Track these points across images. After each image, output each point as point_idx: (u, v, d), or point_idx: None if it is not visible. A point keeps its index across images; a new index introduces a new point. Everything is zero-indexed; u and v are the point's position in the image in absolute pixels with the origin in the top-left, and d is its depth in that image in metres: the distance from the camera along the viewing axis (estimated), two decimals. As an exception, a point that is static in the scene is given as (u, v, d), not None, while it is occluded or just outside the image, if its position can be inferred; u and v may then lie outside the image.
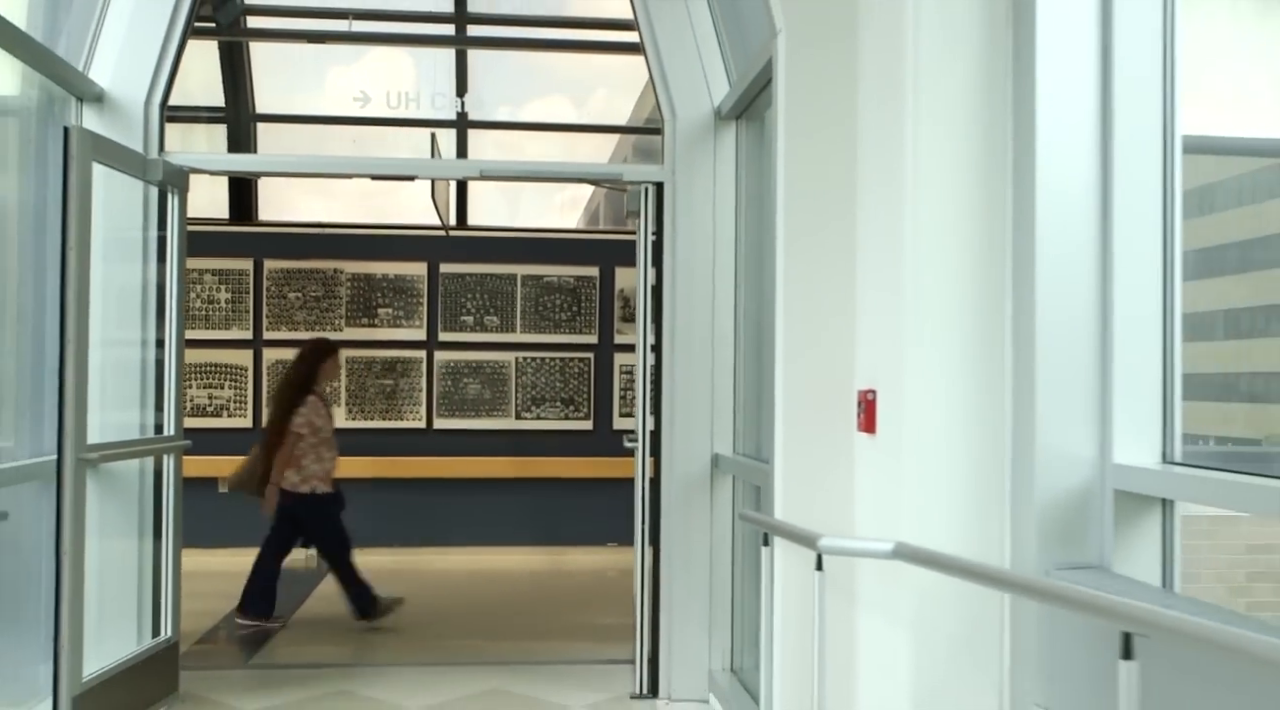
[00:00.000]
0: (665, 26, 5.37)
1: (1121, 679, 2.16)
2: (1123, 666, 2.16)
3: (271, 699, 5.24)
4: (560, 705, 5.22)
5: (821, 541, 3.44)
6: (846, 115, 4.06)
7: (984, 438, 3.55)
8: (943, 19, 3.57)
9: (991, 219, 3.53)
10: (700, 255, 5.36)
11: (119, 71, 5.11)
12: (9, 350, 4.88)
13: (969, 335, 3.55)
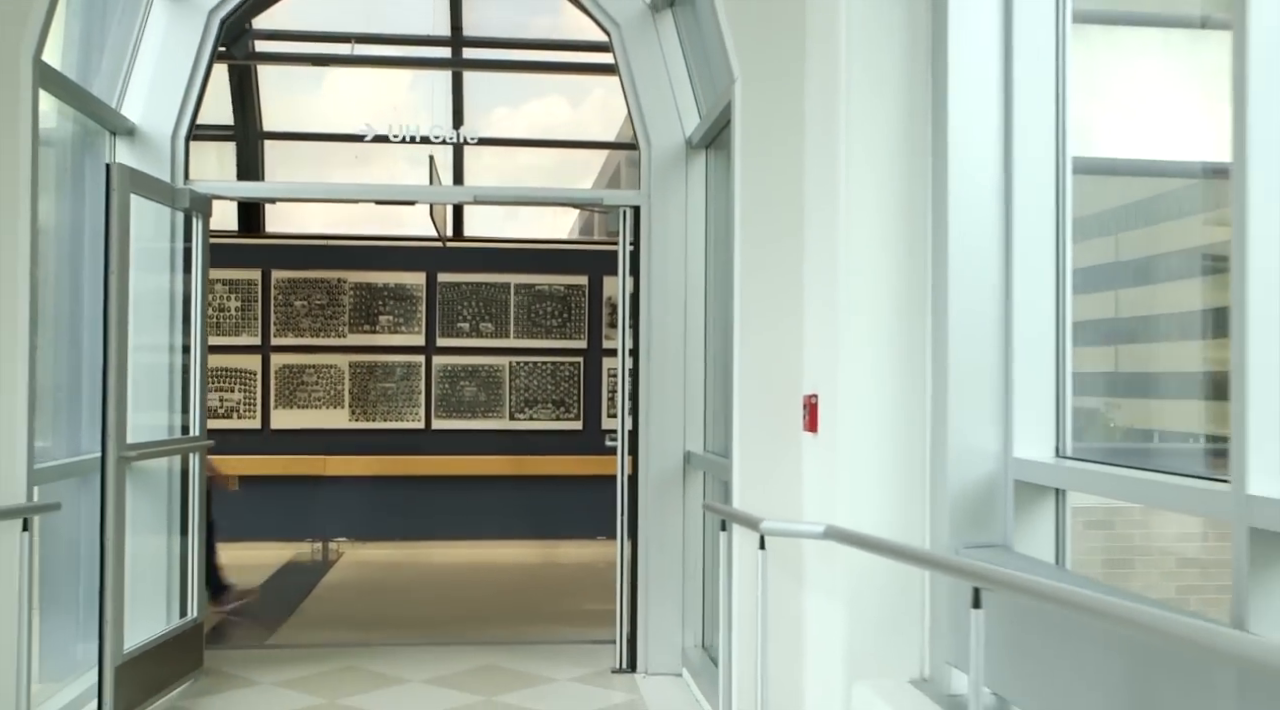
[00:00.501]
0: (641, 65, 5.96)
1: (972, 624, 2.76)
2: (973, 614, 2.75)
3: (287, 674, 5.83)
4: (548, 678, 5.81)
5: (763, 524, 4.03)
6: (795, 151, 4.66)
7: (907, 436, 4.14)
8: (870, 69, 4.16)
9: (913, 243, 4.12)
10: (673, 270, 5.95)
11: (148, 107, 5.70)
12: (48, 358, 5.45)
13: (894, 346, 4.14)
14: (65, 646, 5.42)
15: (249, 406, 9.77)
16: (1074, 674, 3.03)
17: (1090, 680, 2.94)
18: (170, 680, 5.41)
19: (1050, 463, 3.87)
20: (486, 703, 5.36)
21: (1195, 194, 3.97)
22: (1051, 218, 3.93)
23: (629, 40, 5.95)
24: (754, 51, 4.76)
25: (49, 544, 5.37)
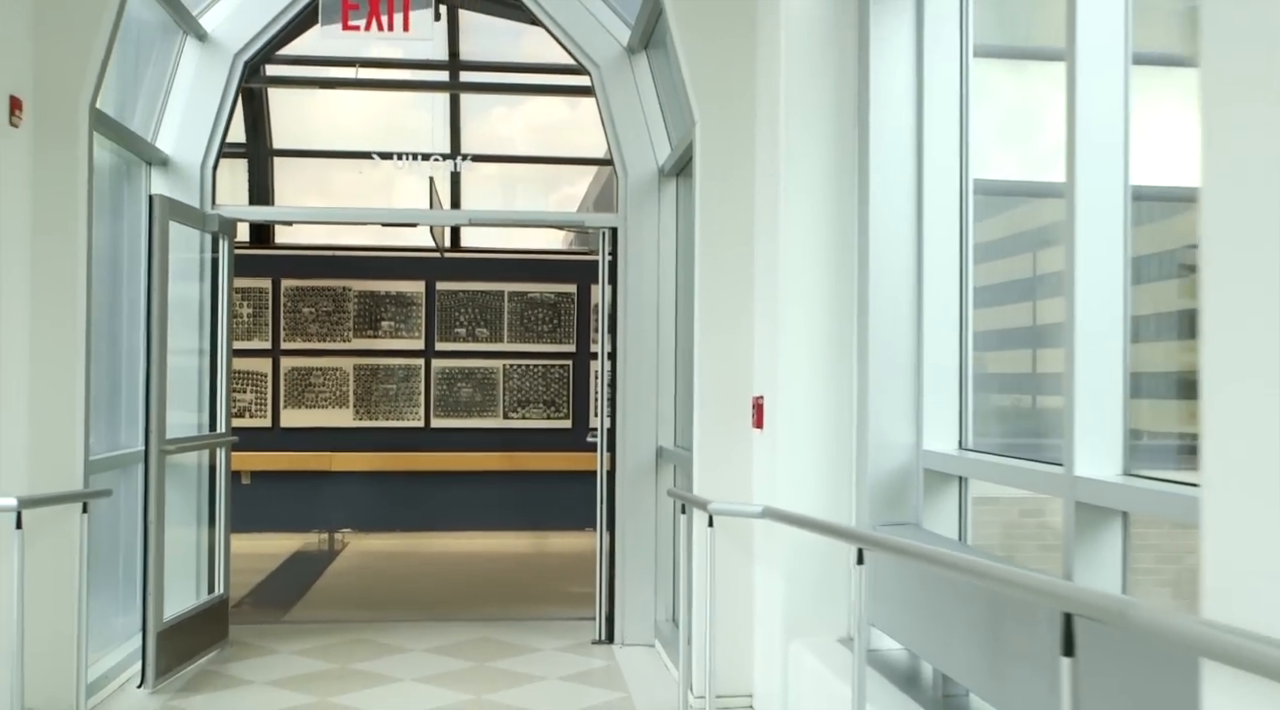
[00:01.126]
0: (619, 101, 6.71)
1: (854, 578, 3.51)
2: (856, 570, 3.51)
3: (303, 644, 6.58)
4: (535, 648, 6.56)
5: (711, 506, 4.78)
6: (746, 185, 5.44)
7: (836, 431, 4.90)
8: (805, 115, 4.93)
9: (841, 266, 4.88)
10: (647, 284, 6.69)
11: (180, 140, 6.44)
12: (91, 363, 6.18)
13: (825, 354, 4.90)
14: (106, 619, 6.15)
15: (260, 406, 10.51)
16: (949, 620, 3.78)
17: (959, 623, 3.69)
18: (200, 648, 6.16)
19: (954, 454, 4.61)
20: (480, 668, 6.11)
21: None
22: (955, 239, 4.69)
23: (608, 79, 6.70)
24: (711, 100, 5.51)
25: (92, 527, 6.10)
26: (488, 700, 5.51)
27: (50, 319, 5.12)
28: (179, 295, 6.23)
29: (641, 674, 6.03)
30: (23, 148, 5.00)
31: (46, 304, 5.11)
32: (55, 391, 5.12)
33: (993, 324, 4.82)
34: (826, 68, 4.93)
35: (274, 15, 6.56)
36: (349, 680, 5.84)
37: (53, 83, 5.12)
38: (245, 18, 6.57)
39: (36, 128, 5.07)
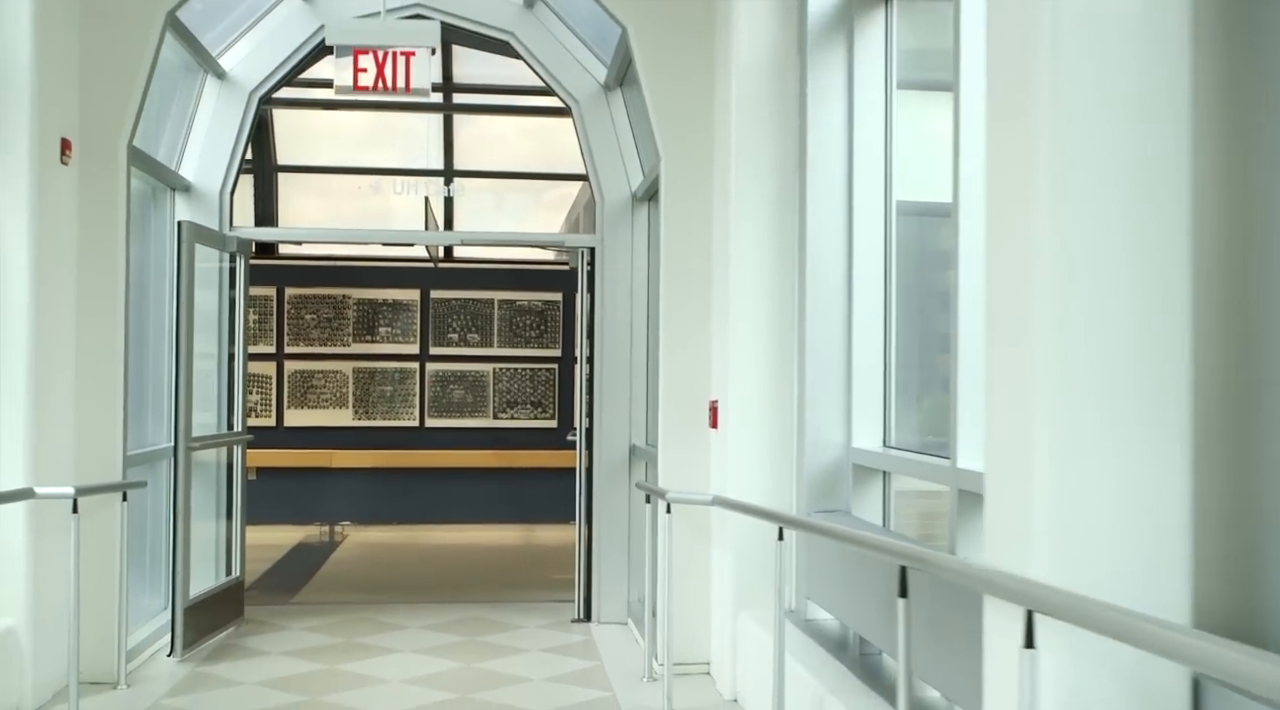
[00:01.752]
0: (596, 133, 7.46)
1: (775, 551, 4.28)
2: (777, 545, 4.27)
3: (310, 622, 7.34)
4: (520, 626, 7.32)
5: (668, 495, 5.55)
6: (704, 214, 6.21)
7: (779, 431, 5.66)
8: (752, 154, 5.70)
9: (782, 285, 5.65)
10: (621, 298, 7.45)
11: (200, 168, 7.19)
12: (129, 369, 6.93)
13: (769, 363, 5.67)
14: (136, 597, 6.90)
15: (265, 406, 11.26)
16: (863, 590, 4.55)
17: (869, 593, 4.45)
18: (220, 624, 6.91)
19: (879, 451, 5.38)
20: (470, 642, 6.87)
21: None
22: (880, 258, 5.44)
23: (587, 114, 7.46)
24: (673, 137, 6.29)
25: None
26: (476, 668, 6.27)
27: (94, 331, 5.87)
28: (201, 308, 6.98)
29: (614, 647, 6.80)
30: (71, 182, 5.75)
31: (90, 318, 5.86)
32: (98, 395, 5.88)
33: (914, 333, 5.59)
34: (771, 111, 5.71)
35: (285, 56, 7.31)
36: (353, 651, 6.60)
37: (96, 125, 5.88)
38: (259, 58, 7.32)
39: (82, 164, 5.82)
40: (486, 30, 7.48)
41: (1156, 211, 2.55)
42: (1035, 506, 2.55)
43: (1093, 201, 2.55)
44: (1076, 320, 2.53)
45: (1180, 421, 2.53)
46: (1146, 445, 2.51)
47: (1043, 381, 2.56)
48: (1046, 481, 2.53)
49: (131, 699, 5.61)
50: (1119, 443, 2.51)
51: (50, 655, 5.49)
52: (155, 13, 5.99)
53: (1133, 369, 2.52)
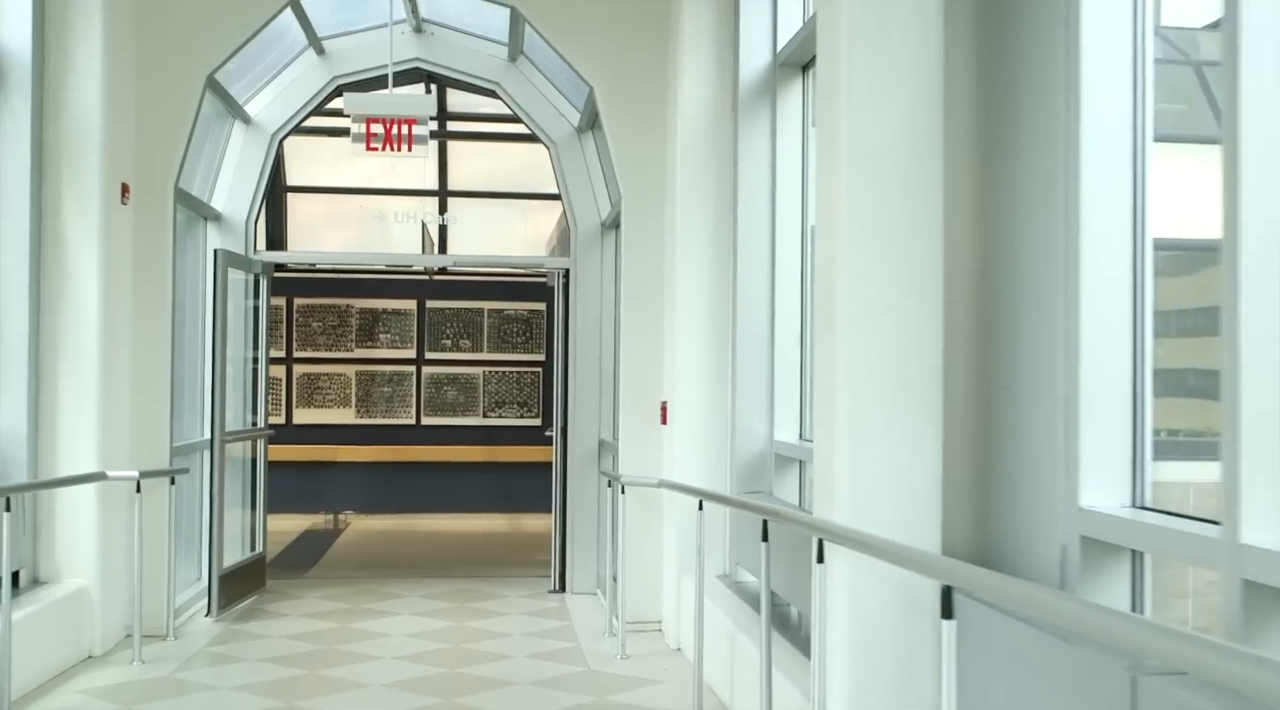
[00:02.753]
0: (571, 170, 8.71)
1: (695, 520, 5.53)
2: (698, 514, 5.53)
3: (323, 592, 8.58)
4: (503, 595, 8.57)
5: (622, 478, 6.81)
6: (657, 241, 7.47)
7: (716, 427, 6.91)
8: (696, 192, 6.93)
9: (718, 302, 6.89)
10: (591, 312, 8.68)
11: (229, 200, 8.43)
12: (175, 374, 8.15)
13: (707, 369, 6.92)
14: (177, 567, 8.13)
15: (276, 406, 12.50)
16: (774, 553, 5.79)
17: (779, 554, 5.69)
18: (246, 593, 8.15)
19: (795, 443, 6.62)
20: (460, 607, 8.12)
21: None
22: (798, 282, 6.67)
23: (562, 153, 8.71)
24: (632, 177, 7.55)
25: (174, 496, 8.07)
26: (466, 626, 7.52)
27: (146, 342, 7.11)
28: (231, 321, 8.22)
29: (583, 611, 8.04)
30: (128, 219, 7.00)
31: (144, 331, 7.10)
32: (149, 395, 7.12)
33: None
34: (710, 158, 6.95)
35: (302, 103, 8.56)
36: (361, 614, 7.85)
37: (149, 171, 7.12)
38: (279, 105, 8.57)
39: (137, 204, 7.07)
40: (476, 81, 8.73)
41: (917, 263, 3.81)
42: (836, 471, 3.81)
43: (875, 253, 3.81)
44: (863, 337, 3.79)
45: (932, 410, 3.79)
46: (909, 428, 3.76)
47: (842, 383, 3.82)
48: (844, 454, 3.79)
49: (181, 647, 6.85)
50: (889, 426, 3.76)
51: (114, 610, 6.73)
52: (197, 75, 7.24)
53: (899, 374, 3.77)
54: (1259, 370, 2.63)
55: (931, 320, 3.83)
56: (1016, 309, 3.65)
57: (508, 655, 6.76)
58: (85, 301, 6.55)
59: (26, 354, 6.34)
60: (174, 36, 7.20)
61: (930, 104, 3.88)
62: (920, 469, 3.78)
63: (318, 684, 6.04)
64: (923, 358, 3.81)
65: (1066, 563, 3.37)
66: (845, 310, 3.84)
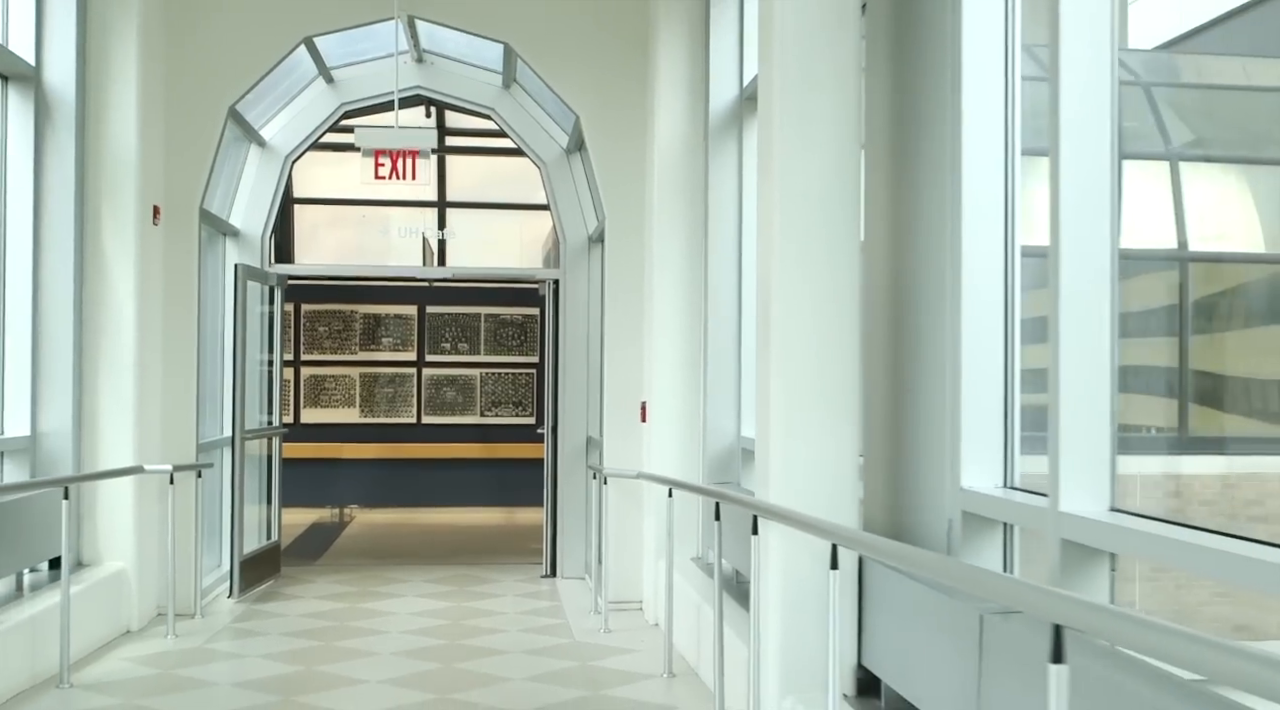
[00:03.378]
0: (560, 188, 9.51)
1: (665, 505, 6.33)
2: (667, 500, 6.32)
3: (333, 577, 9.39)
4: (499, 580, 9.37)
5: (605, 470, 7.61)
6: (638, 256, 8.27)
7: (690, 423, 7.71)
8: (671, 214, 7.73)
9: (692, 314, 7.69)
10: (579, 320, 9.48)
11: (246, 217, 9.23)
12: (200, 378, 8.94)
13: (681, 372, 7.72)
14: (195, 557, 8.94)
15: (285, 406, 13.29)
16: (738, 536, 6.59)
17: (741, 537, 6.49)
18: (263, 578, 8.95)
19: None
20: (460, 590, 8.92)
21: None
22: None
23: (553, 173, 9.51)
24: (614, 197, 8.35)
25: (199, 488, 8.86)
26: (465, 606, 8.32)
27: (175, 348, 7.91)
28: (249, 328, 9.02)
29: (571, 592, 8.85)
30: (159, 238, 7.79)
31: (172, 339, 7.90)
32: (178, 396, 7.92)
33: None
34: (684, 180, 7.74)
35: (313, 128, 9.35)
36: (368, 596, 8.65)
37: (177, 194, 7.92)
38: (292, 129, 9.36)
39: (166, 224, 7.86)
40: (472, 106, 9.53)
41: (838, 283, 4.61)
42: (771, 460, 4.62)
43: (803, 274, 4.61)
44: (793, 346, 4.60)
45: (852, 409, 4.59)
46: (832, 424, 4.57)
47: (776, 387, 4.62)
48: (778, 445, 4.60)
49: (208, 624, 7.65)
50: (815, 423, 4.57)
51: (148, 591, 7.53)
52: (220, 107, 8.04)
53: (823, 378, 4.58)
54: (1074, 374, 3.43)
55: (850, 332, 4.63)
56: (918, 320, 4.45)
57: (502, 630, 7.56)
58: (122, 313, 7.35)
59: (71, 360, 7.13)
60: (199, 72, 8.00)
61: (849, 144, 4.68)
62: (841, 458, 4.59)
63: (333, 652, 6.85)
64: (843, 364, 4.61)
65: (952, 533, 4.18)
66: (778, 324, 4.64)
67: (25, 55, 6.95)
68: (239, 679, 6.29)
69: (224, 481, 8.86)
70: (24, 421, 6.98)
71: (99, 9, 7.32)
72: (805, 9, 4.72)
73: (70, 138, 7.17)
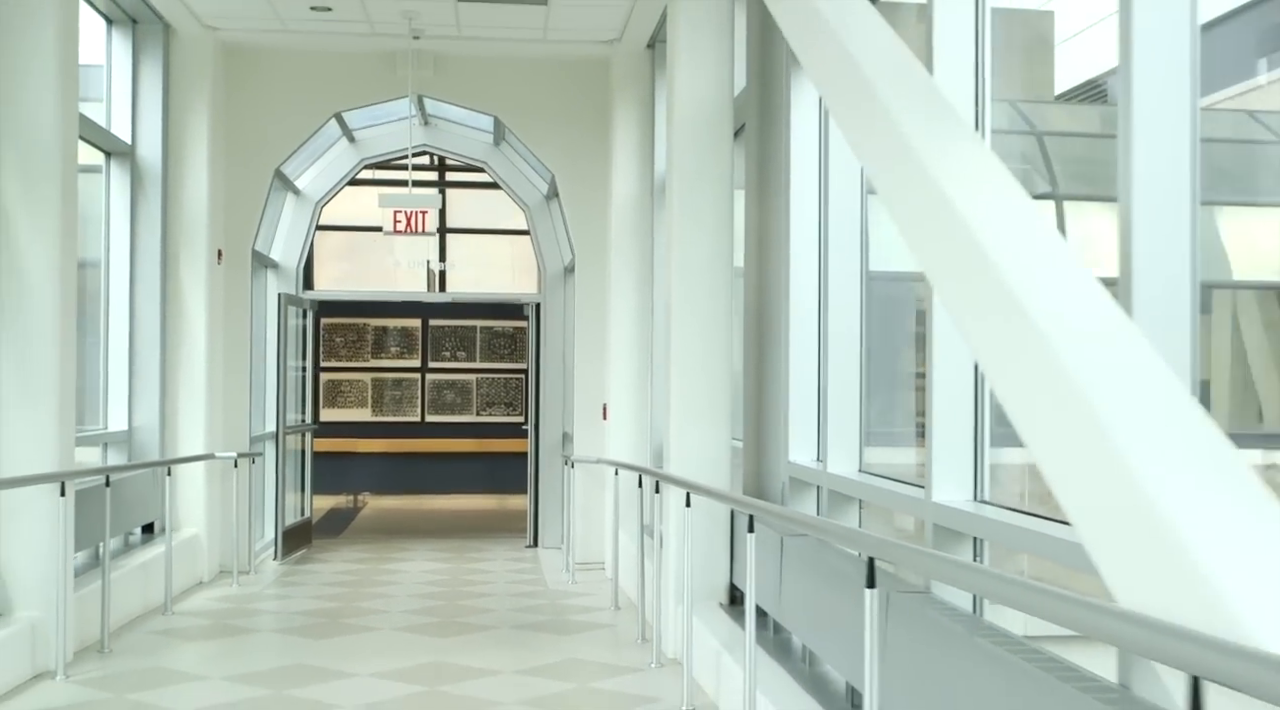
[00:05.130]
0: (541, 228, 11.73)
1: (612, 482, 8.56)
2: (614, 478, 8.55)
3: (354, 547, 11.63)
4: (490, 549, 11.60)
5: (572, 457, 9.86)
6: (601, 287, 10.50)
7: (640, 421, 9.95)
8: (623, 254, 9.97)
9: (642, 335, 9.93)
10: (557, 335, 11.70)
11: (284, 252, 11.46)
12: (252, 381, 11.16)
13: (633, 382, 9.96)
14: (243, 530, 11.15)
15: (306, 407, 15.52)
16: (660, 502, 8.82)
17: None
18: (299, 547, 11.18)
19: (693, 431, 9.65)
20: (459, 556, 11.15)
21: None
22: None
23: (535, 214, 11.74)
24: (582, 239, 10.59)
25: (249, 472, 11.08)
26: (463, 567, 10.55)
27: (233, 360, 10.14)
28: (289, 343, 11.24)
29: (549, 559, 11.08)
30: (221, 274, 10.02)
31: (231, 353, 10.12)
32: (235, 398, 10.15)
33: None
34: (635, 227, 9.97)
35: (337, 179, 11.58)
36: (384, 560, 10.88)
37: (235, 238, 10.15)
38: (321, 180, 11.59)
39: (227, 263, 10.09)
40: (469, 160, 11.76)
41: (717, 321, 6.85)
42: (672, 447, 6.86)
43: (693, 312, 6.85)
44: (686, 365, 6.83)
45: (726, 408, 6.83)
46: (711, 419, 6.80)
47: (675, 392, 6.86)
48: (676, 434, 6.83)
49: (261, 578, 9.88)
50: (701, 421, 6.80)
51: (214, 551, 9.75)
52: (268, 169, 10.28)
53: (706, 388, 6.81)
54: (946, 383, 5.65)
55: (724, 356, 6.87)
56: (770, 346, 6.67)
57: (492, 582, 9.79)
58: (195, 332, 9.57)
59: (157, 370, 9.35)
60: (252, 143, 10.23)
61: (725, 222, 6.92)
62: (719, 442, 6.83)
63: (362, 595, 9.07)
64: (719, 378, 6.85)
65: (784, 492, 6.40)
66: (676, 349, 6.88)
67: (124, 136, 9.17)
68: (295, 610, 8.51)
69: (267, 468, 11.08)
70: (123, 418, 9.21)
71: (178, 97, 9.54)
72: (696, 130, 6.99)
73: (157, 197, 9.39)
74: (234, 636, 7.63)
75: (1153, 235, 3.12)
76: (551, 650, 7.18)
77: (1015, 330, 2.75)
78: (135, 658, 6.86)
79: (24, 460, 6.37)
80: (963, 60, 4.36)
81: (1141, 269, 3.09)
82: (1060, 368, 2.53)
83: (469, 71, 10.43)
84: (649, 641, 6.95)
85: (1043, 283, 2.79)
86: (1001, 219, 2.99)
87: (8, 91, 6.40)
